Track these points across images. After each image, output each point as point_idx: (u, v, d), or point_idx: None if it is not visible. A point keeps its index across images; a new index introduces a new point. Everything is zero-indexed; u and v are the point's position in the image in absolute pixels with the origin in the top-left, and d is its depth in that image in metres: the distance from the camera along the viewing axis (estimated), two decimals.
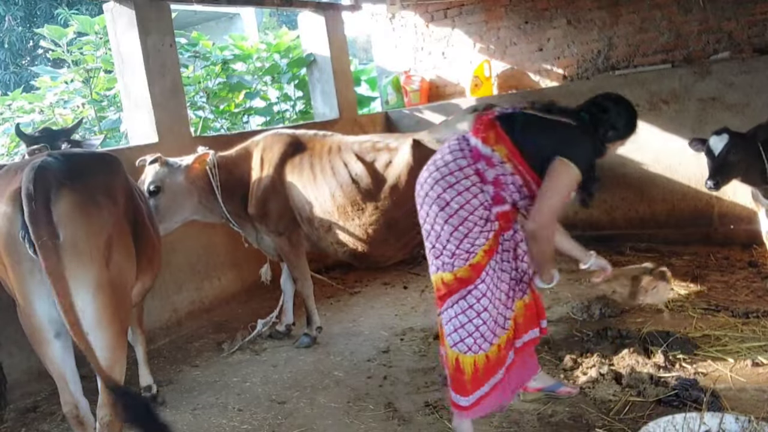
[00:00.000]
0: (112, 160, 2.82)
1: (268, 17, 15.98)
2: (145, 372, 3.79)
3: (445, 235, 2.66)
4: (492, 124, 2.71)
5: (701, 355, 3.46)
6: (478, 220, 2.64)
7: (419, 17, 7.33)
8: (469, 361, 2.68)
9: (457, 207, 2.64)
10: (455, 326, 2.69)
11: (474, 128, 2.76)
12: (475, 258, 2.65)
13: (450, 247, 2.66)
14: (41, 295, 2.41)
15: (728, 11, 5.82)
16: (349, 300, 5.35)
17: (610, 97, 2.81)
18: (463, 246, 2.64)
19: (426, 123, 6.56)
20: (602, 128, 2.72)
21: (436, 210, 2.69)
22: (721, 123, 5.39)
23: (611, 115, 2.73)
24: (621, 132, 2.77)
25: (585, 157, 2.65)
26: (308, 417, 3.37)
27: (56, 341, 2.52)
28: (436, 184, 2.71)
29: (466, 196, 2.65)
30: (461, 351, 2.69)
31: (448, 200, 2.65)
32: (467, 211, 2.64)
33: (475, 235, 2.64)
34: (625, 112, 2.78)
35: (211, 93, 7.12)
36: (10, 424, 3.63)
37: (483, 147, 2.67)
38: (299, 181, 4.21)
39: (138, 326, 3.71)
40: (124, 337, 2.60)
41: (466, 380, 2.70)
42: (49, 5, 12.69)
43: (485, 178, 2.66)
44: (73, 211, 2.36)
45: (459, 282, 2.67)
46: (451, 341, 2.70)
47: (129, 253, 2.63)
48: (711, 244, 5.45)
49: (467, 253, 2.65)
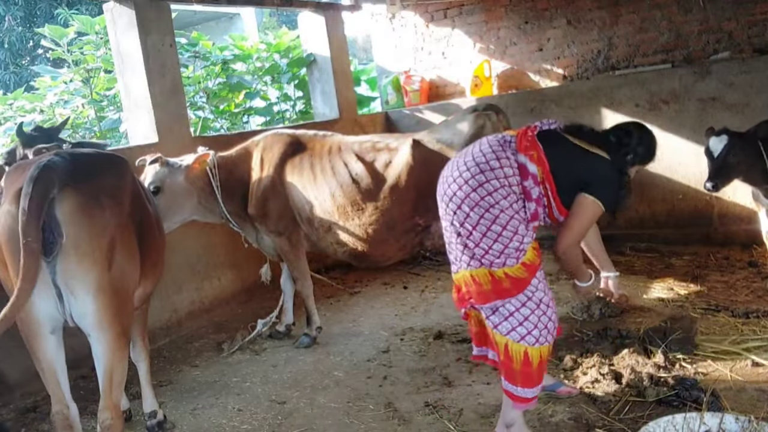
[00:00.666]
0: (119, 161, 2.80)
1: (268, 17, 15.98)
2: (149, 395, 3.39)
3: (491, 237, 2.67)
4: (535, 143, 2.80)
5: (701, 355, 3.46)
6: (519, 224, 2.70)
7: (419, 17, 7.32)
8: (536, 352, 2.69)
9: (499, 210, 2.67)
10: (519, 320, 2.69)
11: (521, 144, 2.79)
12: (526, 256, 2.70)
13: (497, 247, 2.67)
14: (42, 292, 2.39)
15: (728, 11, 5.82)
16: (349, 300, 5.35)
17: (635, 124, 3.01)
18: (512, 245, 2.67)
19: (426, 123, 6.57)
20: (624, 151, 2.88)
21: (479, 212, 2.68)
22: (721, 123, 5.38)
23: (633, 140, 2.89)
24: (640, 158, 2.93)
25: (612, 195, 2.82)
26: (308, 417, 3.37)
27: (51, 336, 2.50)
28: (480, 187, 2.69)
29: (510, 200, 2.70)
30: (529, 343, 2.68)
31: (493, 203, 2.67)
32: (509, 215, 2.68)
33: (522, 233, 2.70)
34: (647, 139, 2.95)
35: (211, 93, 7.12)
36: (9, 424, 3.63)
37: (530, 165, 2.75)
38: (299, 181, 4.21)
39: (140, 338, 3.36)
40: (126, 340, 2.57)
41: (533, 372, 2.71)
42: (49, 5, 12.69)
43: (530, 195, 2.74)
44: (76, 211, 2.35)
45: (512, 281, 2.67)
46: (517, 335, 2.68)
47: (132, 256, 2.60)
48: (711, 244, 5.46)
49: (517, 251, 2.68)
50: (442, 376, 3.65)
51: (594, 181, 2.78)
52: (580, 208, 2.79)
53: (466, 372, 3.64)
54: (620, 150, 2.87)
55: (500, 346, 2.72)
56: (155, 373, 3.94)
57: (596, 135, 2.93)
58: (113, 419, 2.48)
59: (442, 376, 3.64)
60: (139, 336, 3.36)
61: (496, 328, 2.71)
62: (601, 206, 2.78)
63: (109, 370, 2.46)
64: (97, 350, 2.46)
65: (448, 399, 3.35)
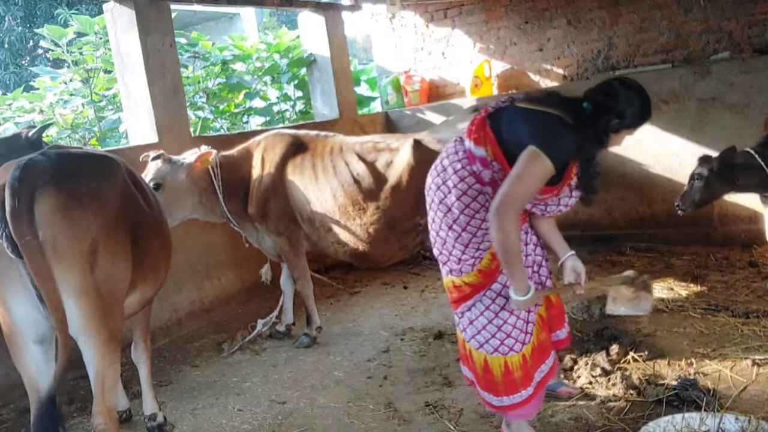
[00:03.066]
0: (108, 162, 2.70)
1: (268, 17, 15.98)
2: (150, 397, 3.35)
3: (450, 240, 2.63)
4: (483, 123, 2.62)
5: (701, 355, 3.46)
6: (480, 223, 2.57)
7: (419, 17, 7.32)
8: (497, 362, 2.61)
9: (458, 212, 2.59)
10: (478, 328, 2.64)
11: (468, 129, 2.67)
12: (482, 263, 2.61)
13: (456, 252, 2.63)
14: (19, 296, 2.30)
15: (728, 11, 5.82)
16: (349, 300, 5.35)
17: (622, 82, 2.54)
18: (468, 251, 2.60)
19: (426, 123, 6.57)
20: (606, 116, 2.46)
21: (440, 216, 2.66)
22: (721, 123, 5.41)
23: (619, 101, 2.46)
24: (628, 121, 2.48)
25: (561, 150, 2.41)
26: (308, 417, 3.37)
27: (36, 347, 2.39)
28: (438, 190, 2.68)
29: (465, 200, 2.59)
30: (488, 352, 2.62)
31: (449, 205, 2.62)
32: (468, 215, 2.59)
33: (479, 239, 2.59)
34: (637, 99, 2.49)
35: (211, 93, 7.11)
36: (9, 424, 3.63)
37: (475, 148, 2.58)
38: (300, 181, 4.21)
39: (142, 340, 3.31)
40: (115, 345, 2.45)
41: (497, 381, 2.63)
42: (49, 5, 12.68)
43: (482, 179, 2.58)
44: (55, 211, 2.26)
45: (471, 287, 2.64)
46: (476, 343, 2.64)
47: (120, 259, 2.48)
48: (711, 244, 5.45)
49: (473, 258, 2.61)
50: (442, 376, 3.65)
51: (540, 134, 2.42)
52: (520, 160, 2.39)
53: None
54: (600, 118, 2.46)
55: (467, 350, 2.70)
56: (155, 373, 3.94)
57: (565, 101, 2.55)
58: (107, 424, 2.43)
59: (442, 376, 3.64)
60: (141, 338, 3.31)
61: (464, 332, 2.69)
62: (545, 159, 2.35)
63: (100, 375, 2.40)
64: (86, 355, 2.39)
65: (448, 399, 3.35)
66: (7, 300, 2.32)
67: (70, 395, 3.83)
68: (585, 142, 2.47)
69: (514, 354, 2.60)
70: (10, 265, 2.27)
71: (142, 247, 2.68)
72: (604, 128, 2.48)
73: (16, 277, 2.28)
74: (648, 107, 2.52)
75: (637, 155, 5.78)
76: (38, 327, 2.37)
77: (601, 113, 2.47)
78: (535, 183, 2.42)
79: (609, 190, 5.91)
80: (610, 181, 5.90)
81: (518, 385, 2.62)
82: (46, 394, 2.38)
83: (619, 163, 5.80)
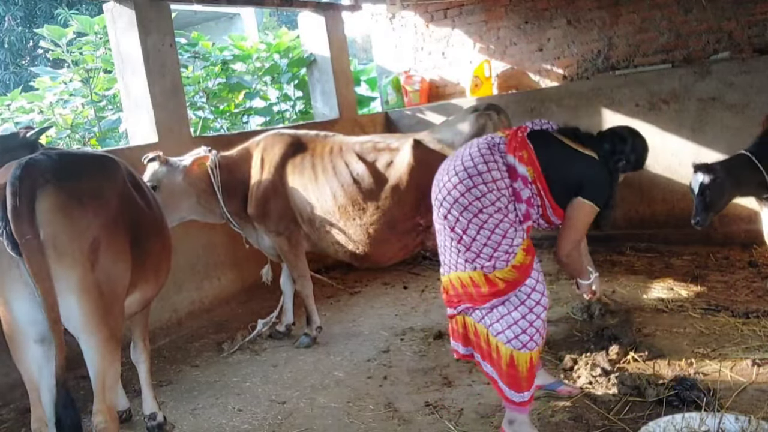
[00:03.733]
0: (108, 162, 2.71)
1: (268, 17, 15.98)
2: (149, 397, 3.34)
3: (481, 239, 2.69)
4: (525, 144, 2.80)
5: (701, 355, 3.46)
6: (509, 227, 2.71)
7: (419, 17, 7.32)
8: (525, 358, 2.70)
9: (487, 216, 2.68)
10: (508, 323, 2.70)
11: (510, 145, 2.80)
12: (516, 258, 2.71)
13: (486, 251, 2.69)
14: (20, 295, 2.30)
15: (728, 11, 5.82)
16: (349, 300, 5.35)
17: (630, 130, 3.01)
18: (502, 248, 2.68)
19: (426, 123, 6.57)
20: (618, 158, 2.89)
21: (469, 216, 2.70)
22: (721, 123, 5.42)
23: (627, 146, 2.91)
24: (631, 165, 2.95)
25: (604, 194, 2.84)
26: (308, 417, 3.37)
27: (37, 347, 2.39)
28: (468, 192, 2.71)
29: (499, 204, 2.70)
30: (516, 348, 2.69)
31: (481, 208, 2.69)
32: (498, 218, 2.69)
33: (510, 239, 2.69)
34: (640, 147, 2.97)
35: (211, 93, 7.11)
36: (9, 424, 3.63)
37: (520, 166, 2.76)
38: (300, 181, 4.21)
39: (141, 340, 3.32)
40: (116, 343, 2.46)
41: (521, 377, 2.71)
42: (49, 5, 12.68)
43: (519, 196, 2.75)
44: (55, 210, 2.27)
45: (506, 282, 2.70)
46: (505, 338, 2.70)
47: (120, 259, 2.49)
48: (711, 244, 5.45)
49: (507, 254, 2.69)
50: (442, 376, 3.65)
51: (587, 183, 2.81)
52: (575, 211, 2.83)
53: (466, 372, 3.63)
54: (613, 156, 2.89)
55: (492, 346, 2.75)
56: (155, 373, 3.94)
57: (590, 138, 2.94)
58: (107, 422, 2.43)
59: (442, 376, 3.64)
60: (140, 338, 3.31)
61: (490, 328, 2.74)
62: (594, 207, 2.82)
63: (100, 373, 2.40)
64: (87, 354, 2.39)
65: (448, 399, 3.35)
66: (8, 299, 2.33)
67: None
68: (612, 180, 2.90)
69: (537, 349, 2.75)
70: (12, 263, 2.28)
71: (142, 247, 2.69)
72: (616, 167, 2.91)
73: (18, 276, 2.29)
74: (645, 156, 3.01)
75: None
76: (39, 326, 2.36)
77: (614, 154, 2.89)
78: (587, 226, 2.91)
79: None
80: None
81: (533, 380, 2.78)
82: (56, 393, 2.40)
83: None
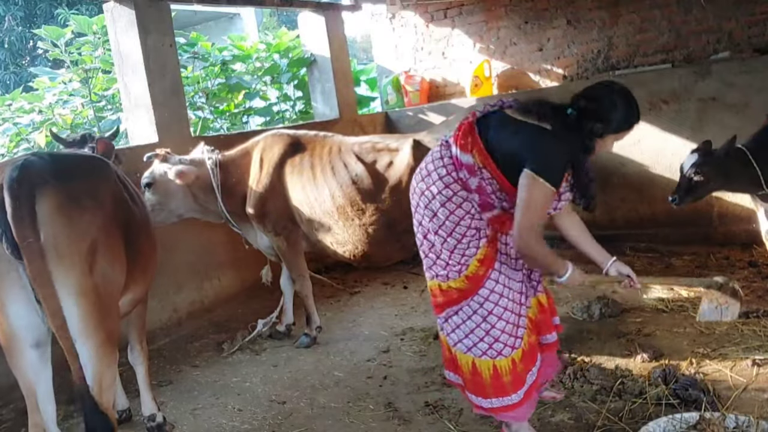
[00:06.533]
0: (100, 163, 2.73)
1: (268, 17, 15.99)
2: (148, 398, 3.33)
3: (438, 245, 2.63)
4: (470, 129, 2.60)
5: (701, 355, 3.46)
6: (466, 230, 2.57)
7: (419, 17, 7.32)
8: (486, 365, 2.59)
9: (443, 218, 2.59)
10: (465, 332, 2.62)
11: (455, 134, 2.64)
12: (468, 269, 2.59)
13: (443, 257, 2.62)
14: (17, 299, 2.28)
15: (728, 11, 5.82)
16: (349, 300, 5.35)
17: (606, 86, 2.53)
18: (455, 257, 2.60)
19: (426, 123, 6.56)
20: (590, 122, 2.44)
21: (426, 221, 2.65)
22: (721, 123, 5.41)
23: (603, 104, 2.45)
24: (613, 126, 2.47)
25: (554, 168, 2.44)
26: (308, 417, 3.37)
27: (33, 351, 2.37)
28: (422, 195, 2.67)
29: (450, 206, 2.58)
30: (476, 355, 2.60)
31: (435, 211, 2.61)
32: (453, 222, 2.58)
33: (464, 246, 2.58)
34: (621, 103, 2.47)
35: (211, 93, 7.11)
36: (9, 424, 3.63)
37: (462, 155, 2.56)
38: (299, 181, 4.21)
39: (138, 342, 3.30)
40: (112, 345, 2.43)
41: (485, 384, 2.61)
42: (49, 5, 12.68)
43: (468, 186, 2.56)
44: (55, 211, 2.24)
45: (459, 292, 2.62)
46: (463, 347, 2.63)
47: (116, 260, 2.48)
48: (711, 244, 5.45)
49: (459, 264, 2.60)
50: (442, 376, 3.64)
51: (529, 152, 2.43)
52: (524, 188, 2.43)
53: None
54: (585, 123, 2.45)
55: (453, 355, 2.70)
56: (155, 373, 3.94)
57: (553, 111, 2.50)
58: None
59: (442, 376, 3.62)
60: (137, 340, 3.29)
61: (448, 336, 2.68)
62: (543, 183, 2.40)
63: (97, 376, 2.37)
64: (83, 357, 2.35)
65: (448, 399, 3.35)
66: (4, 303, 2.30)
67: (70, 395, 3.83)
68: (572, 148, 2.47)
69: (502, 358, 2.58)
70: (9, 267, 2.26)
71: (134, 247, 2.68)
72: (589, 134, 2.47)
73: (15, 279, 2.27)
74: (634, 112, 2.49)
75: (637, 155, 5.78)
76: (36, 331, 2.35)
77: (585, 118, 2.45)
78: (543, 206, 2.47)
79: (609, 190, 5.91)
80: (610, 181, 5.90)
81: (508, 389, 2.59)
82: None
83: (619, 164, 5.80)
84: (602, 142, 2.51)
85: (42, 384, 2.43)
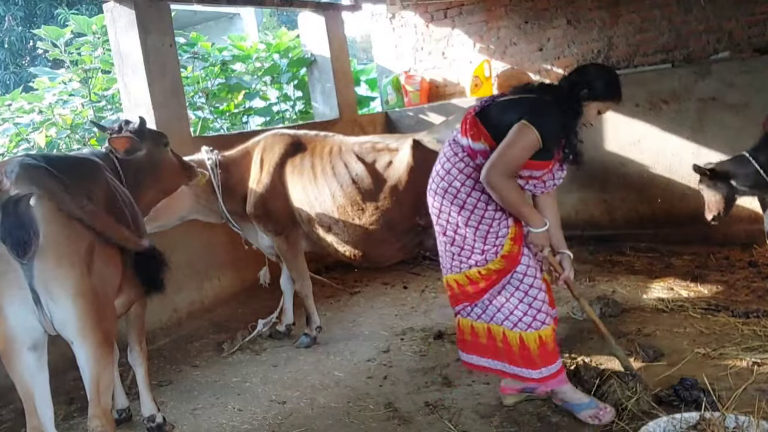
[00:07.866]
0: (92, 164, 2.75)
1: (268, 17, 15.99)
2: (148, 399, 3.29)
3: (470, 236, 2.84)
4: (474, 121, 2.84)
5: (701, 355, 3.46)
6: (494, 213, 2.80)
7: (419, 17, 7.32)
8: (532, 337, 2.85)
9: (471, 208, 2.81)
10: (510, 309, 2.87)
11: (461, 129, 2.89)
12: (504, 249, 2.83)
13: (478, 245, 2.84)
14: (15, 301, 2.25)
15: (728, 11, 5.82)
16: (349, 300, 5.35)
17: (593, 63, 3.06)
18: (489, 241, 2.82)
19: (426, 123, 6.56)
20: (578, 87, 2.77)
21: (455, 215, 2.84)
22: (721, 123, 5.41)
23: (589, 73, 2.81)
24: (597, 92, 2.77)
25: (547, 124, 2.67)
26: (308, 417, 3.37)
27: (30, 354, 2.35)
28: (446, 193, 2.86)
29: (475, 194, 2.80)
30: (522, 329, 2.86)
31: (463, 202, 2.82)
32: (481, 209, 2.80)
33: (496, 229, 2.81)
34: (605, 74, 2.84)
35: (211, 93, 7.11)
36: (10, 424, 3.63)
37: (474, 143, 2.81)
38: (299, 181, 4.21)
39: (137, 343, 3.26)
40: (109, 347, 2.43)
41: (533, 355, 2.86)
42: (49, 5, 12.68)
43: None
44: (54, 212, 2.25)
45: (497, 273, 2.85)
46: (510, 324, 2.87)
47: (112, 261, 2.49)
48: (711, 244, 5.45)
49: (495, 246, 2.82)
50: (442, 376, 3.65)
51: (527, 112, 2.68)
52: (510, 131, 2.66)
53: (466, 372, 3.63)
54: (573, 89, 2.76)
55: (498, 336, 2.90)
56: (155, 373, 3.94)
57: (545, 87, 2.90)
58: (104, 426, 2.40)
59: (442, 376, 3.63)
60: (136, 342, 3.27)
61: (492, 320, 2.91)
62: (533, 131, 2.63)
63: (95, 378, 2.36)
64: (80, 359, 2.35)
65: (448, 399, 3.35)
66: (2, 305, 2.28)
67: (70, 395, 3.83)
68: (566, 113, 2.75)
69: (546, 327, 2.86)
70: (8, 268, 2.24)
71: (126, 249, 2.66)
72: (576, 97, 2.77)
73: (13, 280, 2.24)
74: (615, 83, 2.81)
75: (637, 155, 5.78)
76: (33, 333, 2.33)
77: (573, 86, 2.78)
78: (521, 151, 2.66)
79: (609, 190, 5.92)
80: (610, 181, 5.91)
81: (552, 355, 2.89)
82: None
83: (620, 164, 5.80)
84: (588, 108, 2.80)
85: (39, 387, 2.40)
